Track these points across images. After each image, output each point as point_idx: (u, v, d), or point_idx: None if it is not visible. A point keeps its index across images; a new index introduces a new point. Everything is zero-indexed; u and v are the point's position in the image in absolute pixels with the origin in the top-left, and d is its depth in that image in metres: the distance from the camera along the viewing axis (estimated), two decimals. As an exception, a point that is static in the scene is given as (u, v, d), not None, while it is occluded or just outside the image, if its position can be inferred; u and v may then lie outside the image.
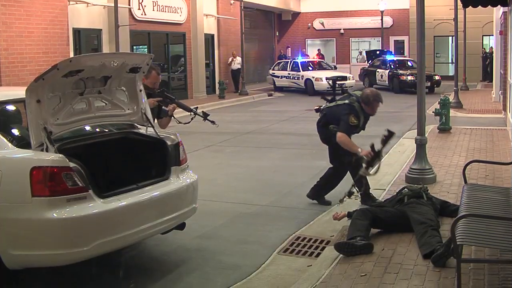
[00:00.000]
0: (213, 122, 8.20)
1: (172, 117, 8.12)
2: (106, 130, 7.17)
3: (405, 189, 7.71)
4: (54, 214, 5.48)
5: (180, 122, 8.07)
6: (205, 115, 8.16)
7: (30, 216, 5.50)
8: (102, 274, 6.51)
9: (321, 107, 9.16)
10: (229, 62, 32.34)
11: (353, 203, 8.92)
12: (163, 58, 27.99)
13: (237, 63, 31.95)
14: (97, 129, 7.13)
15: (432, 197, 7.60)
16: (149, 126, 7.00)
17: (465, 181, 7.31)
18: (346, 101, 8.77)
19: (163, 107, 8.14)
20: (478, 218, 5.48)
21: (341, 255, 6.50)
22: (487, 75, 37.26)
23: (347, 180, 8.88)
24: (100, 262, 6.30)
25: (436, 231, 6.57)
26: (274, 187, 10.54)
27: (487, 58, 37.28)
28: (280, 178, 11.26)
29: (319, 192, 9.21)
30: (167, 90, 8.50)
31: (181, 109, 8.29)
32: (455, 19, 23.64)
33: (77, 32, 21.71)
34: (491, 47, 33.98)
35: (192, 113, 8.11)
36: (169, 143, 6.89)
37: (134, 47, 25.62)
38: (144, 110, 6.95)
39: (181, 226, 6.96)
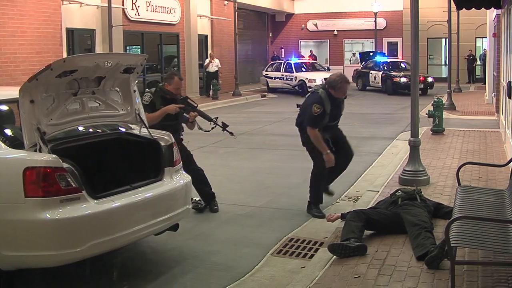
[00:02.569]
0: (231, 133, 8.64)
1: (195, 123, 8.51)
2: (100, 131, 7.15)
3: (399, 191, 7.71)
4: (47, 215, 5.45)
5: (201, 129, 8.59)
6: (224, 126, 8.53)
7: (23, 217, 5.47)
8: (95, 275, 6.48)
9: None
10: (206, 64, 30.67)
11: (347, 205, 8.95)
12: (156, 58, 27.98)
13: (214, 65, 30.34)
14: (90, 130, 7.11)
15: (426, 199, 7.62)
16: (143, 127, 6.99)
17: (459, 183, 7.32)
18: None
19: (184, 114, 8.45)
20: (472, 220, 5.49)
21: (334, 256, 6.50)
22: (473, 78, 37.47)
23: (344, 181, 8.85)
24: (93, 263, 6.29)
25: (430, 233, 6.58)
26: (268, 188, 10.54)
27: (474, 60, 37.48)
28: (274, 180, 11.25)
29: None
30: (189, 97, 8.73)
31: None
32: (449, 21, 23.71)
33: (70, 32, 21.69)
34: (485, 49, 34.08)
35: (212, 122, 8.46)
36: (162, 144, 6.89)
37: (128, 48, 25.60)
38: (138, 111, 6.94)
39: (175, 227, 6.95)
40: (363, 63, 35.57)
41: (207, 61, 30.36)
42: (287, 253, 7.17)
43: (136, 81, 7.05)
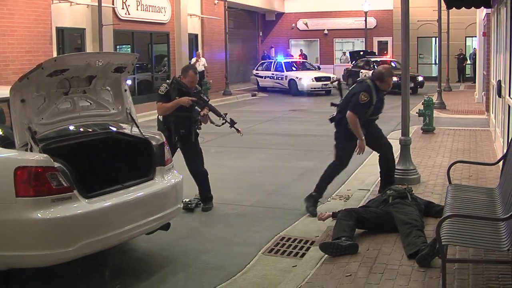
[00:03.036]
0: (238, 130, 8.83)
1: (207, 117, 8.68)
2: (90, 130, 7.14)
3: (390, 190, 7.74)
4: (38, 215, 5.44)
5: (213, 123, 8.78)
6: (232, 123, 8.74)
7: (14, 217, 5.45)
8: (87, 275, 6.47)
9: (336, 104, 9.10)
10: (192, 63, 28.24)
11: (338, 204, 8.97)
12: (146, 57, 27.91)
13: (201, 64, 29.17)
14: (81, 129, 7.10)
15: (416, 198, 7.65)
16: (134, 126, 6.99)
17: (450, 182, 7.34)
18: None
19: (196, 107, 8.67)
20: (463, 218, 5.52)
21: (326, 255, 6.52)
22: (463, 77, 37.57)
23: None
24: (85, 263, 6.28)
25: (421, 232, 6.61)
26: (259, 187, 10.55)
27: (464, 59, 37.58)
28: (264, 179, 11.26)
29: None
30: (203, 92, 8.99)
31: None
32: (439, 20, 23.76)
33: (60, 31, 21.61)
34: (475, 48, 34.20)
35: (221, 118, 8.66)
36: (154, 143, 6.89)
37: (118, 47, 25.52)
38: (129, 110, 6.94)
39: (166, 227, 6.95)
40: (353, 62, 35.60)
41: (193, 60, 29.82)
42: (278, 252, 7.18)
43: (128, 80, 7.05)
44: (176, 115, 8.62)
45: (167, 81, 8.97)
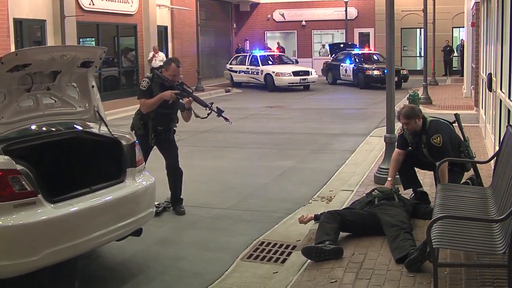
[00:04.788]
0: (226, 119, 8.93)
1: (191, 111, 8.72)
2: (54, 129, 7.08)
3: (376, 191, 7.78)
4: (-1, 221, 5.39)
5: (198, 116, 8.76)
6: (219, 112, 8.77)
7: (-26, 224, 5.40)
8: (54, 285, 6.42)
9: None
10: (149, 58, 29.03)
11: (320, 206, 9.01)
12: (112, 51, 27.76)
13: (159, 59, 28.23)
14: (44, 128, 7.01)
15: (404, 199, 7.70)
16: (102, 125, 6.95)
17: (439, 181, 7.39)
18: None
19: (180, 100, 8.68)
20: (455, 220, 5.56)
21: (309, 260, 6.53)
22: (450, 70, 37.86)
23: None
24: (51, 273, 6.23)
25: (409, 234, 6.65)
26: (235, 189, 10.56)
27: (451, 51, 37.86)
28: (241, 180, 11.27)
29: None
30: (186, 84, 8.96)
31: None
32: (424, 10, 23.90)
33: (18, 23, 21.35)
34: (462, 39, 34.48)
35: (207, 108, 8.66)
36: (124, 142, 6.86)
37: (81, 40, 25.36)
38: (97, 108, 6.90)
39: (138, 232, 6.92)
40: (333, 55, 35.70)
41: (150, 55, 29.15)
42: (258, 258, 7.19)
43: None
44: (156, 112, 8.62)
45: (148, 74, 8.97)
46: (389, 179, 8.34)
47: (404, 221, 6.94)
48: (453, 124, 8.51)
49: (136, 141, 7.08)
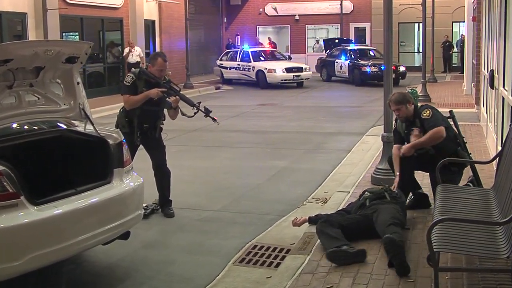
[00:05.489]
0: (214, 119, 8.89)
1: (178, 109, 8.74)
2: (36, 128, 7.04)
3: (366, 193, 7.80)
4: (-20, 225, 5.37)
5: (184, 115, 8.79)
6: (207, 112, 8.73)
7: (-48, 227, 5.38)
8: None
9: None
10: (125, 53, 28.15)
11: (314, 207, 9.00)
12: (97, 46, 27.66)
13: (135, 55, 27.79)
14: (26, 127, 6.97)
15: (396, 195, 7.66)
16: (88, 123, 6.93)
17: (439, 182, 7.39)
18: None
19: (167, 98, 8.68)
20: (456, 222, 5.56)
21: (304, 264, 6.51)
22: (450, 66, 37.94)
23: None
24: (36, 279, 6.21)
25: (400, 228, 6.75)
26: (226, 190, 10.55)
27: (450, 47, 37.92)
28: (232, 180, 11.27)
29: None
30: (173, 81, 8.95)
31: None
32: (423, 3, 23.94)
33: (-3, 16, 21.31)
34: (462, 34, 34.53)
35: (194, 107, 8.66)
36: (111, 142, 6.82)
37: (64, 34, 25.25)
38: (82, 105, 6.88)
39: (125, 236, 6.89)
40: (328, 51, 35.72)
41: (126, 50, 28.35)
42: (250, 262, 7.18)
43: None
44: (142, 109, 8.59)
45: (134, 69, 8.92)
46: (397, 173, 8.33)
47: (399, 218, 6.98)
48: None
49: (124, 140, 7.05)
